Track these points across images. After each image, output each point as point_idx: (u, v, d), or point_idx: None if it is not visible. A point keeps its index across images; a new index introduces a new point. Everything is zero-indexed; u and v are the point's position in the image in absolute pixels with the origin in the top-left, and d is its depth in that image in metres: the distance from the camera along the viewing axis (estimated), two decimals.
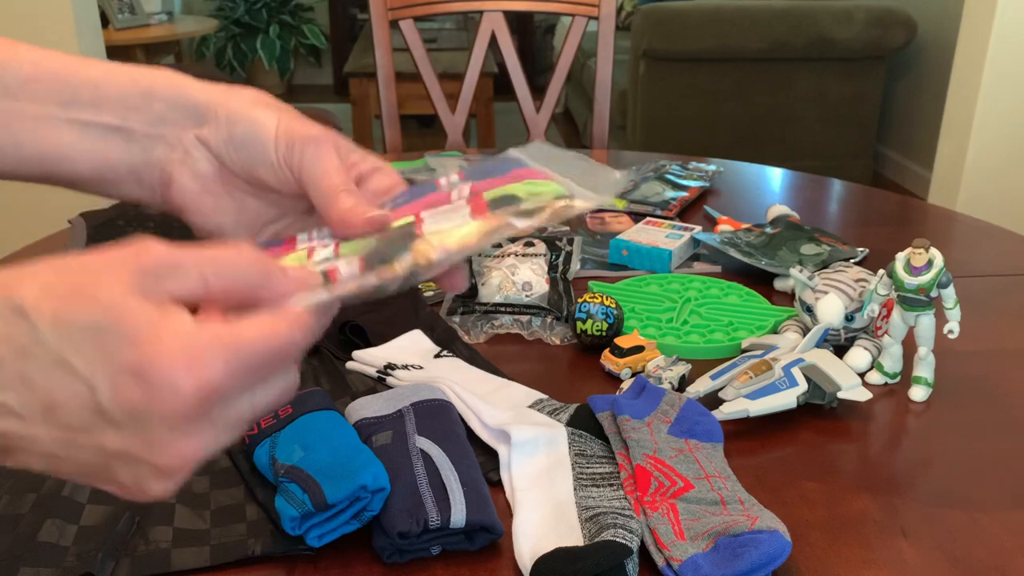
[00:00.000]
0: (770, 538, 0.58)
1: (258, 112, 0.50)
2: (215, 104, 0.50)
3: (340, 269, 0.45)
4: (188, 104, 0.51)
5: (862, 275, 0.87)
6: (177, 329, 0.34)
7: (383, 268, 0.45)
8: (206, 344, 0.35)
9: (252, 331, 0.36)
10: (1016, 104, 2.53)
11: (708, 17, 3.39)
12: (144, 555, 0.60)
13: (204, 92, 0.51)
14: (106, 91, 0.50)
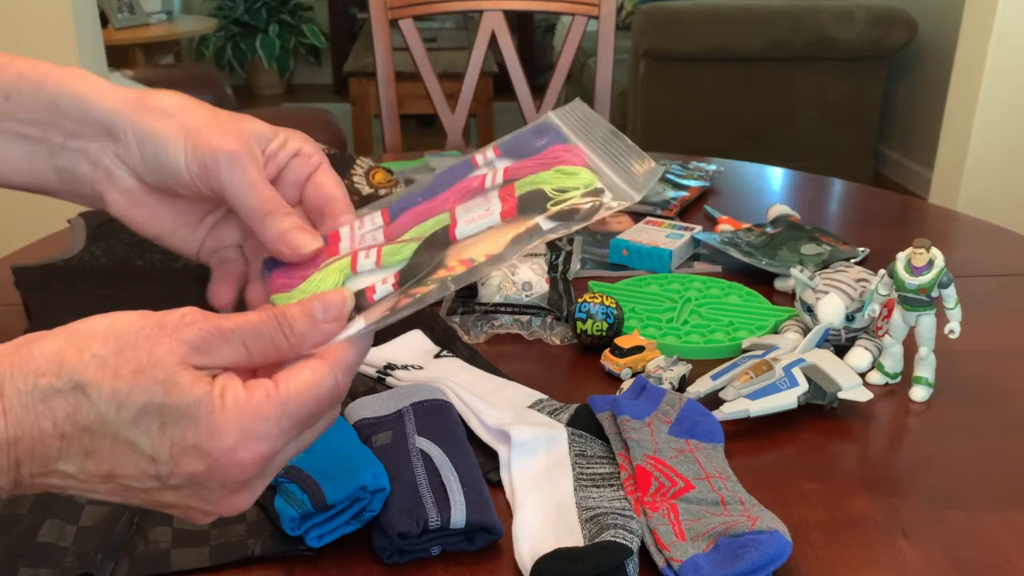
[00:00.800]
0: (770, 538, 0.58)
1: (163, 128, 0.49)
2: (120, 119, 0.49)
3: (376, 288, 0.46)
4: (93, 120, 0.50)
5: (863, 275, 0.87)
6: (231, 404, 0.36)
7: (414, 287, 0.46)
8: (261, 416, 0.36)
9: (299, 388, 0.38)
10: (1017, 104, 2.53)
11: (708, 17, 3.39)
12: (144, 555, 0.59)
13: (107, 105, 0.49)
14: (17, 103, 0.50)
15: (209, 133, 0.48)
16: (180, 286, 0.97)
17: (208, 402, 0.36)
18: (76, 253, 1.06)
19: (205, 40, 5.52)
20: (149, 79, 2.96)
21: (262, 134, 0.50)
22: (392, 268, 0.47)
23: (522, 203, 0.47)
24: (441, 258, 0.46)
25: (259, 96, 5.70)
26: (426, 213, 0.50)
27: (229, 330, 0.38)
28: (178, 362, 0.36)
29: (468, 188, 0.50)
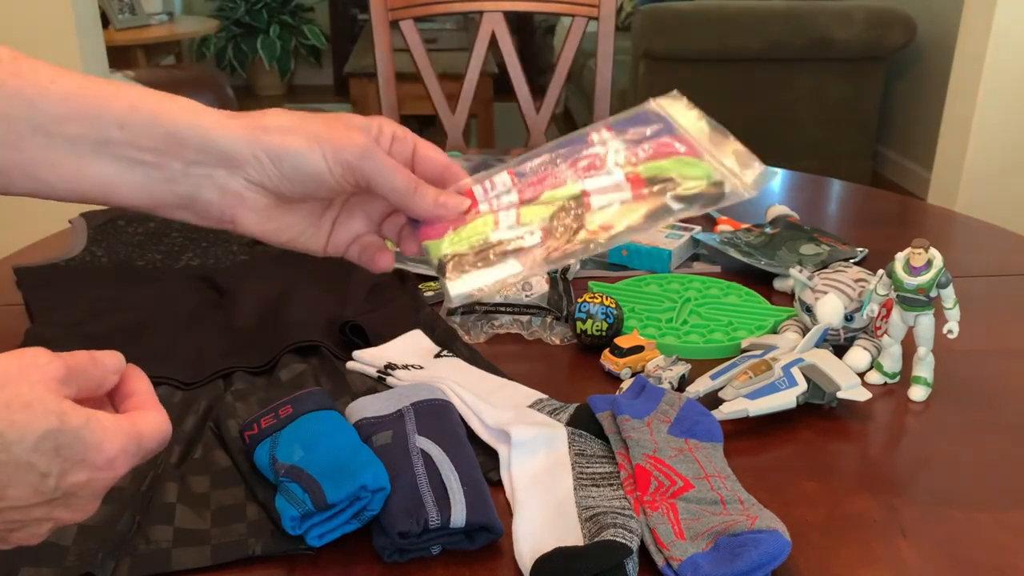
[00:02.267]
0: (770, 538, 0.58)
1: (294, 143, 0.53)
2: (245, 146, 0.53)
3: (526, 238, 0.51)
4: (217, 149, 0.53)
5: (861, 275, 0.87)
6: (110, 424, 0.42)
7: (562, 245, 0.50)
8: (132, 436, 0.43)
9: (149, 426, 0.44)
10: (1015, 104, 2.53)
11: (708, 17, 3.39)
12: (144, 555, 0.60)
13: (230, 134, 0.53)
14: (133, 132, 0.53)
15: (335, 136, 0.53)
16: (180, 286, 0.97)
17: (95, 422, 0.41)
18: (77, 253, 1.06)
19: (206, 41, 5.52)
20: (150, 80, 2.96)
21: (367, 125, 0.55)
22: (532, 226, 0.52)
23: (649, 184, 0.52)
24: (581, 222, 0.51)
25: (260, 97, 5.70)
26: (553, 180, 0.55)
27: (72, 367, 0.43)
28: (56, 394, 0.41)
29: (590, 163, 0.54)
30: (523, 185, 0.56)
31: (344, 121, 0.55)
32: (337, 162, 0.53)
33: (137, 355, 0.82)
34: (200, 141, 0.53)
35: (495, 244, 0.54)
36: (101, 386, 0.45)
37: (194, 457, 0.70)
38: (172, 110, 0.53)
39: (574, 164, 0.55)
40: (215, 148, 0.53)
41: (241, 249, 1.09)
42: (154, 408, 0.46)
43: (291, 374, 0.81)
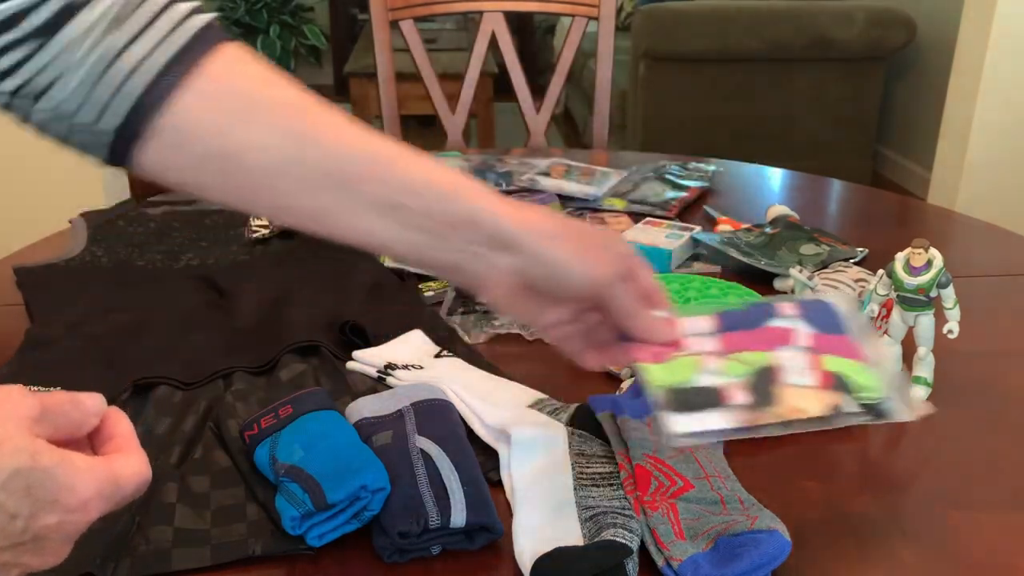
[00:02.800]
0: (770, 538, 0.58)
1: (562, 254, 0.58)
2: (527, 242, 0.57)
3: (733, 394, 0.57)
4: (501, 238, 0.57)
5: (861, 275, 0.87)
6: (84, 466, 0.41)
7: (758, 412, 0.56)
8: (107, 479, 0.42)
9: (127, 470, 0.44)
10: (1015, 104, 2.53)
11: (708, 17, 3.39)
12: (144, 555, 0.60)
13: (512, 228, 0.57)
14: (427, 204, 0.57)
15: (595, 257, 0.58)
16: (180, 286, 0.97)
17: (68, 463, 0.40)
18: (77, 253, 1.06)
19: None
20: None
21: (617, 252, 0.60)
22: (733, 378, 0.58)
23: (832, 380, 0.59)
24: (772, 393, 0.58)
25: None
26: (749, 341, 0.61)
27: (53, 405, 0.42)
28: (26, 432, 0.40)
29: (781, 337, 0.62)
30: (722, 335, 0.62)
31: (600, 242, 0.60)
32: (590, 281, 0.58)
33: (137, 355, 0.83)
34: (491, 228, 0.57)
35: (704, 389, 0.58)
36: (80, 428, 0.44)
37: (194, 457, 0.70)
38: (466, 192, 0.58)
39: (765, 332, 0.62)
40: (501, 237, 0.57)
41: (241, 249, 1.09)
42: (134, 451, 0.45)
43: (291, 374, 0.81)
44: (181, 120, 0.55)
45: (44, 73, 0.54)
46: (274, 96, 0.57)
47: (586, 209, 1.25)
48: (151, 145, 0.56)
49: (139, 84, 0.54)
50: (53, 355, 0.83)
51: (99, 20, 0.54)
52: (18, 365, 0.82)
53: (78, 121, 0.56)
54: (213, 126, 0.56)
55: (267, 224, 1.11)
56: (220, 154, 0.56)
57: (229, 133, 0.56)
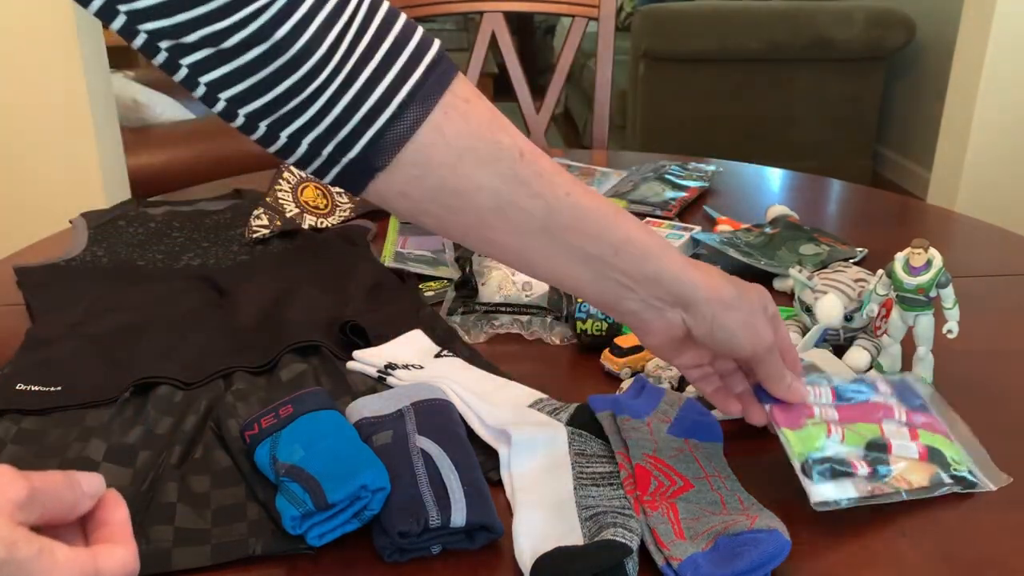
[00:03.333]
0: (769, 537, 0.58)
1: (733, 322, 0.63)
2: (705, 306, 0.63)
3: (856, 465, 0.64)
4: (686, 299, 0.63)
5: (861, 275, 0.87)
6: (63, 559, 0.40)
7: (879, 482, 0.64)
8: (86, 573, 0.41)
9: (115, 564, 0.43)
10: (1015, 104, 2.53)
11: (708, 17, 3.39)
12: (144, 554, 0.59)
13: (699, 293, 0.63)
14: (623, 261, 0.62)
15: (760, 328, 0.64)
16: (180, 286, 0.97)
17: (47, 555, 0.39)
18: (78, 253, 1.06)
19: None
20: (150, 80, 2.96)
21: (773, 323, 0.66)
22: (852, 448, 0.66)
23: (929, 452, 0.67)
24: (887, 464, 0.65)
25: None
26: (859, 414, 0.69)
27: (40, 489, 0.41)
28: (11, 519, 0.39)
29: (885, 411, 0.70)
30: (837, 406, 0.69)
31: (761, 310, 0.65)
32: (752, 348, 0.64)
33: (137, 355, 0.83)
34: (676, 289, 0.62)
35: (838, 460, 0.65)
36: (73, 511, 0.43)
37: (194, 457, 0.70)
38: (661, 253, 0.63)
39: (869, 407, 0.70)
40: (686, 298, 0.63)
41: (241, 249, 1.09)
42: (123, 542, 0.44)
43: (291, 374, 0.81)
44: (422, 156, 0.59)
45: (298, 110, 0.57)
46: (501, 140, 0.60)
47: None
48: (389, 176, 0.59)
49: (382, 119, 0.57)
50: (53, 355, 0.83)
51: (344, 58, 0.56)
52: (18, 365, 0.82)
53: (325, 151, 0.59)
54: (448, 163, 0.59)
55: (267, 224, 1.11)
56: (452, 190, 0.60)
57: (462, 171, 0.59)
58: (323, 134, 0.58)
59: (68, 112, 2.09)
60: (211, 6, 0.52)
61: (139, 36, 0.53)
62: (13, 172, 2.12)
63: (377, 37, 0.57)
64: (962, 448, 0.70)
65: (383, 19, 0.58)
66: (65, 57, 2.05)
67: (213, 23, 0.52)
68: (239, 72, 0.55)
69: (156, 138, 2.72)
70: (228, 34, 0.53)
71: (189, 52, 0.54)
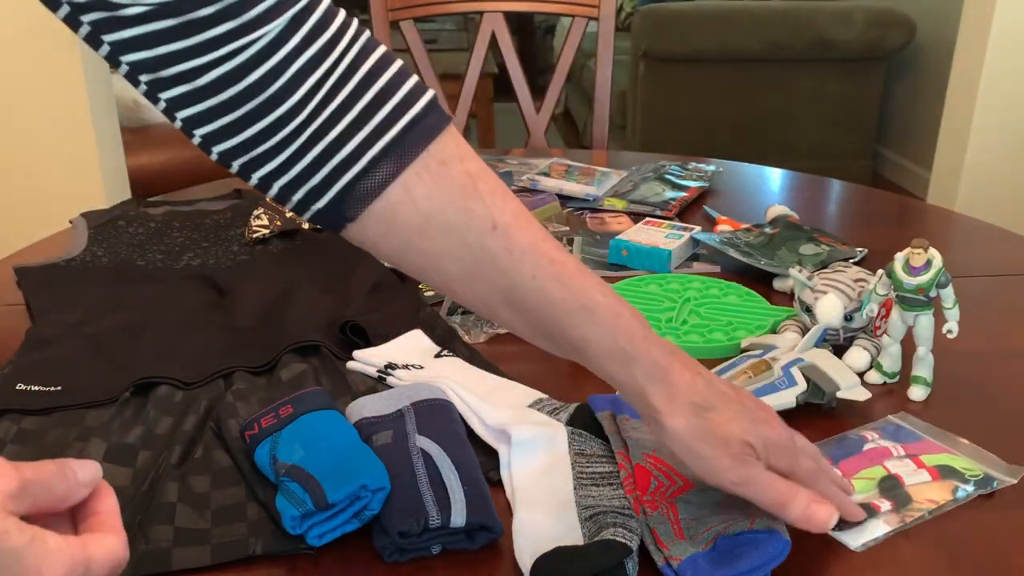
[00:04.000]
0: (769, 538, 0.58)
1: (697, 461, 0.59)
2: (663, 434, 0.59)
3: (875, 503, 0.66)
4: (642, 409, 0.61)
5: (861, 275, 0.87)
6: (54, 548, 0.40)
7: (905, 511, 0.65)
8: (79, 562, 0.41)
9: (104, 552, 0.43)
10: (1015, 105, 2.53)
11: (708, 18, 3.39)
12: (145, 554, 0.60)
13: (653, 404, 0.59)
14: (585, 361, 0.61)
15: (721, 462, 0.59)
16: (180, 286, 0.97)
17: (39, 543, 0.40)
18: (78, 253, 1.06)
19: None
20: None
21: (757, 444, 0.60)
22: (869, 494, 0.67)
23: (939, 471, 0.69)
24: (905, 494, 0.67)
25: None
26: (860, 463, 0.70)
27: (31, 480, 0.42)
28: (2, 509, 0.40)
29: (883, 454, 0.71)
30: (838, 464, 0.70)
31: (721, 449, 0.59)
32: (723, 480, 0.59)
33: (137, 355, 0.83)
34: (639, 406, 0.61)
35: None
36: (66, 499, 0.44)
37: (194, 457, 0.70)
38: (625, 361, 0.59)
39: (868, 454, 0.71)
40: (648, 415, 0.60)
41: (241, 249, 1.09)
42: (113, 531, 0.44)
43: (291, 374, 0.81)
44: (390, 213, 0.58)
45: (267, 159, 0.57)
46: (472, 209, 0.59)
47: (586, 209, 1.25)
48: (360, 227, 0.59)
49: (352, 172, 0.57)
50: (53, 355, 0.83)
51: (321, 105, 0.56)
52: (18, 365, 0.82)
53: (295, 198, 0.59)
54: (415, 225, 0.58)
55: (267, 224, 1.11)
56: (418, 251, 0.60)
57: (428, 235, 0.59)
58: (293, 181, 0.58)
59: (68, 112, 2.09)
60: (191, 41, 0.52)
61: (122, 67, 0.54)
62: (13, 172, 2.12)
63: (362, 85, 0.57)
64: (968, 457, 0.71)
65: (373, 65, 0.58)
66: (65, 58, 2.06)
67: (191, 59, 0.52)
68: (213, 111, 0.55)
69: (156, 138, 2.73)
70: (204, 71, 0.53)
71: (167, 87, 0.54)
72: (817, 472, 0.61)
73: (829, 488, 0.61)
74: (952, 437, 0.73)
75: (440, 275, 0.61)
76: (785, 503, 0.58)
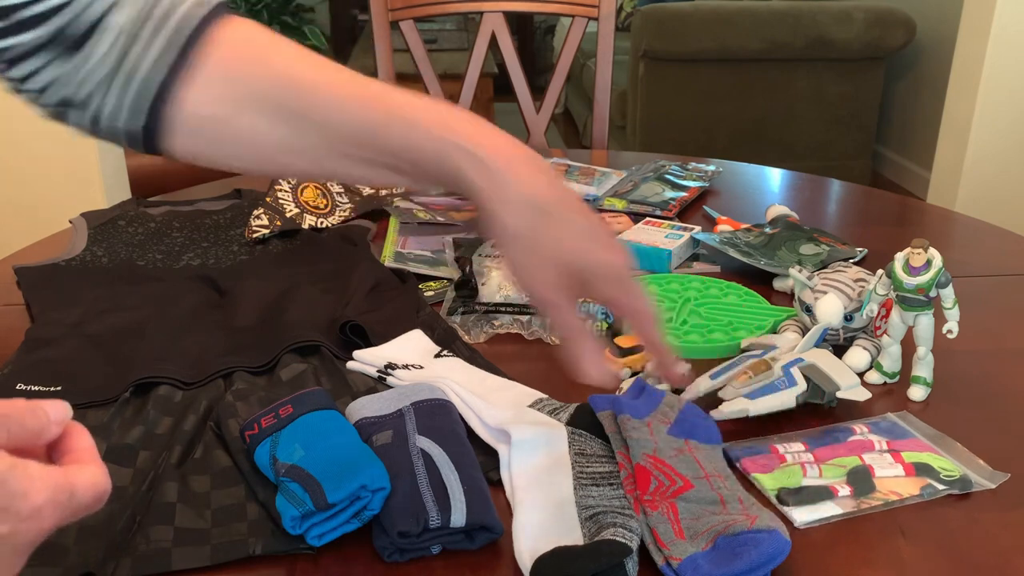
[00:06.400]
0: (769, 537, 0.58)
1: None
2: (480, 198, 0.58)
3: (837, 488, 0.67)
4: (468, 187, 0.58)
5: (861, 275, 0.87)
6: (37, 473, 0.40)
7: (864, 499, 0.66)
8: (62, 487, 0.41)
9: (86, 479, 0.42)
10: (1014, 104, 2.53)
11: (708, 18, 3.39)
12: (145, 554, 0.60)
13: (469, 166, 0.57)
14: (416, 168, 0.60)
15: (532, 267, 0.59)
16: (180, 286, 0.97)
17: (20, 469, 0.39)
18: (78, 253, 1.06)
19: None
20: None
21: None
22: (835, 479, 0.68)
23: (916, 468, 0.69)
24: (871, 484, 0.67)
25: None
26: (838, 451, 0.71)
27: (4, 414, 0.41)
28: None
29: (864, 446, 0.72)
30: (814, 451, 0.71)
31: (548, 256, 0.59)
32: (530, 291, 0.60)
33: (137, 355, 0.83)
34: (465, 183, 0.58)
35: (814, 487, 0.67)
36: (39, 436, 0.43)
37: (194, 457, 0.70)
38: (443, 132, 0.58)
39: (849, 444, 0.72)
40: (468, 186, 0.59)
41: (241, 249, 1.09)
42: (92, 463, 0.44)
43: (291, 374, 0.81)
44: (190, 113, 0.60)
45: (73, 86, 0.59)
46: (266, 75, 0.60)
47: None
48: (173, 137, 0.61)
49: (151, 86, 0.59)
50: (53, 355, 0.83)
51: (119, 35, 0.58)
52: (18, 365, 0.82)
53: (104, 125, 0.61)
54: (218, 115, 0.60)
55: (267, 224, 1.11)
56: (231, 139, 0.61)
57: (232, 120, 0.60)
58: (107, 108, 0.60)
59: None
60: None
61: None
62: (13, 172, 2.12)
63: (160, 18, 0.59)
64: (952, 458, 0.71)
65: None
66: None
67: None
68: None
69: None
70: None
71: None
72: (641, 313, 0.61)
73: (647, 329, 0.62)
74: (946, 439, 0.73)
75: (261, 155, 0.62)
76: (573, 339, 0.60)
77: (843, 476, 0.68)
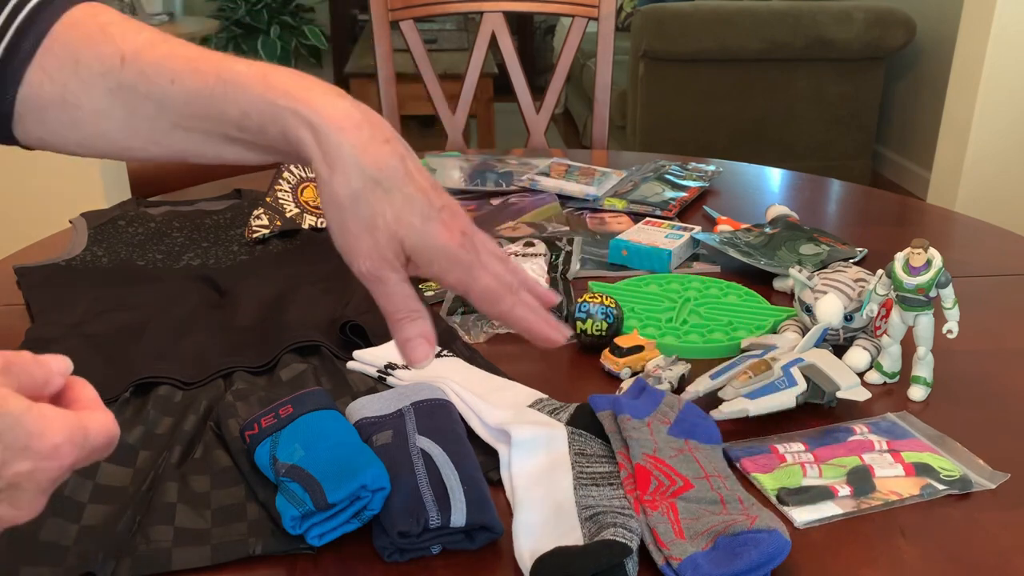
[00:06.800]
0: (769, 537, 0.58)
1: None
2: (314, 152, 0.55)
3: (837, 488, 0.67)
4: (298, 147, 0.56)
5: (861, 275, 0.87)
6: (51, 414, 0.41)
7: (863, 499, 0.66)
8: (78, 427, 0.42)
9: (98, 424, 0.43)
10: (1014, 104, 2.53)
11: (707, 18, 3.39)
12: (145, 554, 0.60)
13: (303, 131, 0.55)
14: (252, 134, 0.58)
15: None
16: (180, 286, 0.97)
17: (36, 410, 0.40)
18: (78, 253, 1.06)
19: (207, 41, 5.51)
20: None
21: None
22: (835, 479, 0.68)
23: (916, 468, 0.69)
24: (870, 483, 0.68)
25: None
26: (838, 452, 0.71)
27: (12, 362, 0.42)
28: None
29: (864, 446, 0.72)
30: (814, 451, 0.71)
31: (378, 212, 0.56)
32: (355, 265, 0.57)
33: (137, 355, 0.83)
34: (300, 152, 0.56)
35: (814, 487, 0.67)
36: (46, 385, 0.44)
37: (194, 457, 0.70)
38: (267, 100, 0.56)
39: (849, 444, 0.72)
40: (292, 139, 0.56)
41: (241, 249, 1.09)
42: (100, 409, 0.44)
43: (291, 374, 0.81)
44: (32, 97, 0.60)
45: None
46: (103, 54, 0.59)
47: (586, 209, 1.25)
48: (24, 123, 0.61)
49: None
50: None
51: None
52: None
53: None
54: (63, 97, 0.60)
55: (267, 224, 1.11)
56: (74, 122, 0.61)
57: (75, 102, 0.60)
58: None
59: None
60: None
61: None
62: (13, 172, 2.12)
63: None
64: (952, 458, 0.71)
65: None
66: None
67: None
68: None
69: None
70: None
71: None
72: (498, 292, 0.57)
73: (496, 307, 0.58)
74: (946, 439, 0.73)
75: (106, 137, 0.61)
76: (397, 320, 0.57)
77: (843, 476, 0.68)
